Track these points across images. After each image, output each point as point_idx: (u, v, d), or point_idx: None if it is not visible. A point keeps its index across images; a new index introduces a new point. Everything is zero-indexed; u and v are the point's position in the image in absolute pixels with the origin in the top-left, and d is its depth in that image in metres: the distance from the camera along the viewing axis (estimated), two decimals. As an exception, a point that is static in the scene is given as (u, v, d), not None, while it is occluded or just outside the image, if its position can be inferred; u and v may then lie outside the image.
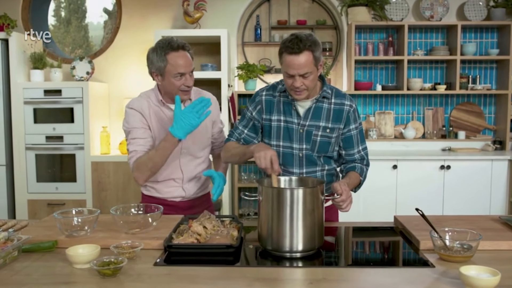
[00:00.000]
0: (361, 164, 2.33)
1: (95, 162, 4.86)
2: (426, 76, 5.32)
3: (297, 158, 2.28)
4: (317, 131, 2.25)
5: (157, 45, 2.27)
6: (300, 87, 2.11)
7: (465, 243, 1.77)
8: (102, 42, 6.86)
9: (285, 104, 2.27)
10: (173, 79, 2.24)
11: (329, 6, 5.43)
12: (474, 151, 5.02)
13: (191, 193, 2.46)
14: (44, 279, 1.58)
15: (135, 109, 2.35)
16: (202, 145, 2.46)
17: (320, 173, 2.32)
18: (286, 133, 2.27)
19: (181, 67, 2.22)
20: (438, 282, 1.55)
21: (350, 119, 2.29)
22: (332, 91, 2.29)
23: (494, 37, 5.25)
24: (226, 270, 1.67)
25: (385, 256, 2.00)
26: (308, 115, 2.25)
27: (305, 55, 2.05)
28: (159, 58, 2.24)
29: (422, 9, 5.15)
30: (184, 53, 2.26)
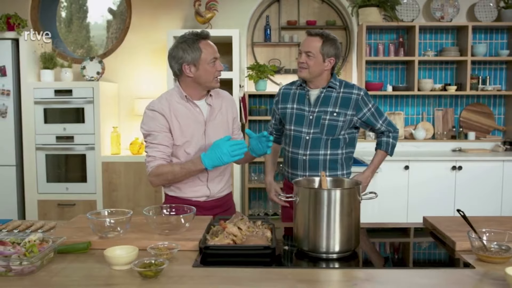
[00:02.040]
0: (387, 137, 2.72)
1: (106, 162, 4.84)
2: (436, 76, 5.32)
3: (303, 141, 2.61)
4: (325, 116, 2.58)
5: (184, 39, 2.28)
6: (302, 63, 2.54)
7: (503, 244, 1.77)
8: (106, 42, 6.84)
9: (300, 95, 2.67)
10: (208, 65, 2.28)
11: (339, 6, 5.43)
12: (485, 152, 5.03)
13: (215, 192, 2.44)
14: (84, 280, 1.57)
15: (156, 110, 2.32)
16: None
17: (322, 157, 2.61)
18: (298, 118, 2.63)
19: (215, 52, 2.31)
20: (482, 284, 1.55)
21: (361, 105, 2.61)
22: (342, 83, 2.66)
23: (504, 38, 5.25)
24: (266, 272, 1.66)
25: (421, 257, 1.99)
26: (317, 102, 2.61)
27: (315, 39, 2.54)
28: (191, 49, 2.25)
29: (433, 10, 5.15)
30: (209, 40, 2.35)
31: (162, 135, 2.32)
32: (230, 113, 2.49)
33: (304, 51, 2.54)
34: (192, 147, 2.36)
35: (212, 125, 2.39)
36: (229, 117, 2.49)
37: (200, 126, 2.36)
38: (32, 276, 1.60)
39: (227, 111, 2.47)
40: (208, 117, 2.38)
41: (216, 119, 2.41)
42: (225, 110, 2.46)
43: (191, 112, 2.36)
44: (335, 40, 2.57)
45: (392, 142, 2.73)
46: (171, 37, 4.75)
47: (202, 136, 2.36)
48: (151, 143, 2.33)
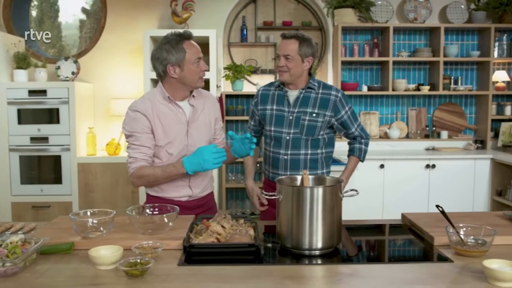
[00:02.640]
0: (359, 143, 2.76)
1: (82, 163, 4.79)
2: (410, 77, 5.44)
3: (284, 141, 2.64)
4: (304, 116, 2.61)
5: (167, 40, 2.27)
6: (282, 67, 2.56)
7: (480, 238, 1.83)
8: (80, 42, 6.75)
9: (279, 96, 2.69)
10: (193, 66, 2.28)
11: (314, 7, 5.49)
12: (457, 151, 5.15)
13: (197, 192, 2.45)
14: (70, 281, 1.56)
15: (139, 111, 2.31)
16: (207, 141, 2.46)
17: (303, 157, 2.64)
18: (278, 119, 2.65)
19: (198, 51, 2.32)
20: (461, 276, 1.60)
21: (339, 106, 2.65)
22: (320, 84, 2.69)
23: (475, 39, 5.40)
24: (252, 269, 1.68)
25: (402, 252, 2.04)
26: (297, 103, 2.64)
27: (292, 42, 2.56)
28: (175, 50, 2.25)
29: (406, 12, 5.25)
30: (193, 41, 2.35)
31: (144, 136, 2.31)
32: (212, 113, 2.50)
33: (282, 54, 2.56)
34: (175, 148, 2.36)
35: (194, 125, 2.39)
36: (212, 118, 2.50)
37: (183, 127, 2.37)
38: (16, 278, 1.58)
39: (209, 112, 2.48)
40: (190, 118, 2.39)
41: (199, 120, 2.41)
42: (207, 110, 2.47)
43: (174, 113, 2.36)
44: (310, 40, 2.61)
45: (365, 149, 2.77)
46: (148, 38, 4.72)
47: (184, 137, 2.37)
48: (133, 144, 2.32)
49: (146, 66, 4.75)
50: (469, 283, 1.54)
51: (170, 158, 2.36)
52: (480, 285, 1.52)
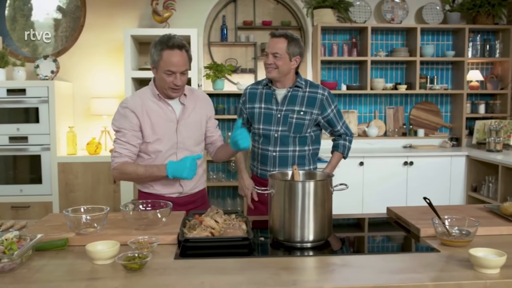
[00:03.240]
0: (344, 140, 2.84)
1: (62, 163, 4.74)
2: (388, 76, 5.55)
3: (273, 138, 2.69)
4: (292, 114, 2.66)
5: (158, 40, 2.32)
6: (270, 65, 2.61)
7: (464, 229, 1.91)
8: (55, 41, 6.67)
9: (267, 94, 2.74)
10: (164, 74, 2.29)
11: (293, 7, 5.55)
12: (433, 148, 5.28)
13: (188, 189, 2.49)
14: (68, 276, 1.58)
15: (128, 108, 2.36)
16: (197, 140, 2.50)
17: (291, 153, 2.70)
18: (266, 118, 2.69)
19: (172, 65, 2.27)
20: (448, 265, 1.67)
21: (325, 105, 2.71)
22: (307, 82, 2.75)
23: (450, 40, 5.54)
24: (247, 261, 1.72)
25: (390, 244, 2.10)
26: (285, 101, 2.69)
27: (280, 40, 2.61)
28: (155, 52, 2.30)
29: (384, 12, 5.36)
30: (179, 52, 2.29)
31: (131, 133, 2.36)
32: (204, 112, 2.53)
33: (271, 52, 2.61)
34: (164, 145, 2.39)
35: (184, 123, 2.43)
36: (203, 117, 2.53)
37: (172, 125, 2.40)
38: (13, 274, 1.59)
39: (201, 110, 2.51)
40: (180, 116, 2.42)
41: (190, 118, 2.45)
42: (199, 109, 2.50)
43: (163, 110, 2.39)
44: (299, 40, 2.66)
45: (348, 146, 2.85)
46: (128, 36, 4.71)
47: (174, 134, 2.40)
48: (119, 140, 2.37)
49: (127, 65, 4.74)
50: (457, 271, 1.61)
51: (159, 155, 2.40)
52: (467, 273, 1.59)
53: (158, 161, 2.40)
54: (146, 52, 5.22)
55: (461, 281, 1.54)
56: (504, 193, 4.48)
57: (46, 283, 1.52)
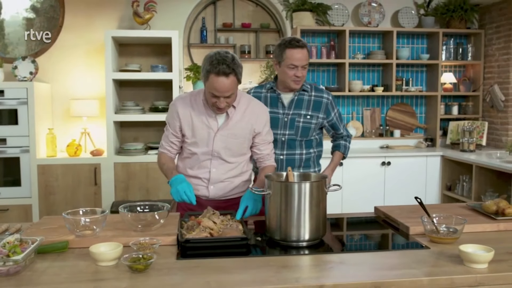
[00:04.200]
0: (344, 140, 2.91)
1: (42, 165, 4.70)
2: (365, 78, 5.68)
3: (280, 142, 2.70)
4: (299, 118, 2.69)
5: (209, 58, 2.25)
6: (299, 77, 2.60)
7: (451, 226, 2.01)
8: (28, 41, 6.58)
9: (272, 98, 2.73)
10: (208, 94, 2.31)
11: (272, 10, 5.62)
12: (409, 148, 5.43)
13: (215, 196, 2.48)
14: (74, 277, 1.60)
15: (175, 107, 2.47)
16: (235, 152, 2.47)
17: (298, 157, 2.73)
18: (273, 122, 2.65)
19: (215, 90, 2.24)
20: (439, 260, 1.76)
21: (330, 109, 2.77)
22: (312, 86, 2.77)
23: (424, 43, 5.71)
24: (248, 260, 1.77)
25: (381, 241, 2.18)
26: (291, 105, 2.70)
27: (305, 51, 2.59)
28: (204, 68, 2.26)
29: (361, 16, 5.49)
30: (225, 79, 2.21)
31: (171, 131, 2.50)
32: (249, 127, 2.45)
33: (301, 65, 2.56)
34: (198, 149, 2.44)
35: (223, 134, 2.41)
36: (247, 131, 2.46)
37: (211, 132, 2.40)
38: (18, 276, 1.60)
39: (246, 125, 2.44)
40: (221, 126, 2.41)
41: (230, 130, 2.41)
42: (245, 123, 2.43)
43: (206, 117, 2.41)
44: None
45: (348, 146, 2.93)
46: (109, 38, 4.70)
47: (210, 142, 2.41)
48: (165, 132, 2.55)
49: (108, 66, 4.72)
50: (448, 266, 1.70)
51: (194, 156, 2.47)
52: (457, 268, 1.68)
53: (194, 162, 2.48)
54: (126, 54, 5.22)
55: (453, 276, 1.62)
56: (477, 192, 4.65)
57: (54, 285, 1.54)
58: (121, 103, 5.05)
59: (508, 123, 5.29)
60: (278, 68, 2.64)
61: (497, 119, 5.44)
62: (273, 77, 2.84)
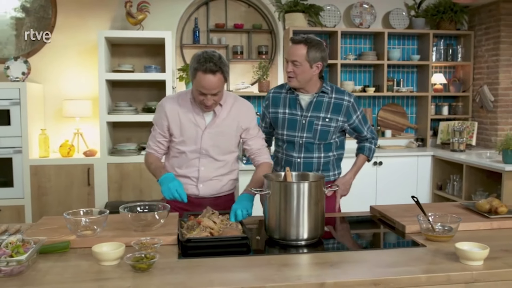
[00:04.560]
0: (369, 143, 2.82)
1: (34, 166, 4.68)
2: (356, 79, 5.73)
3: (297, 144, 2.64)
4: (317, 121, 2.60)
5: (196, 57, 2.29)
6: (290, 72, 2.54)
7: (446, 225, 2.05)
8: (19, 41, 6.55)
9: (291, 99, 2.65)
10: (196, 92, 2.35)
11: (265, 11, 5.65)
12: (400, 148, 5.49)
13: (205, 194, 2.51)
14: (78, 277, 1.62)
15: (163, 107, 2.50)
16: (224, 150, 2.50)
17: (316, 160, 2.66)
18: (290, 123, 2.63)
19: (203, 88, 2.28)
20: (436, 258, 1.80)
21: (351, 112, 2.66)
22: (332, 88, 2.67)
23: (415, 44, 5.78)
24: (249, 259, 1.80)
25: (379, 240, 2.22)
26: (310, 107, 2.61)
27: (300, 47, 2.50)
28: (192, 67, 2.31)
29: (353, 17, 5.54)
30: (212, 76, 2.25)
31: (159, 131, 2.52)
32: (236, 124, 2.49)
33: (290, 60, 2.51)
34: (187, 147, 2.46)
35: (211, 132, 2.44)
36: (235, 128, 2.50)
37: (199, 130, 2.44)
38: (22, 276, 1.62)
39: (233, 122, 2.48)
40: (209, 124, 2.44)
41: (217, 128, 2.45)
42: (231, 120, 2.48)
43: (193, 116, 2.44)
44: (320, 44, 2.53)
45: (374, 148, 2.83)
46: (102, 38, 4.70)
47: (198, 140, 2.44)
48: (152, 132, 2.58)
49: (101, 66, 4.72)
50: (444, 263, 1.75)
51: (183, 155, 2.49)
52: (454, 265, 1.73)
53: (182, 161, 2.50)
54: (118, 54, 5.22)
55: (450, 273, 1.67)
56: (468, 191, 4.72)
57: (59, 285, 1.55)
58: (114, 103, 5.05)
59: (497, 123, 5.37)
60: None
61: (487, 119, 5.52)
62: None
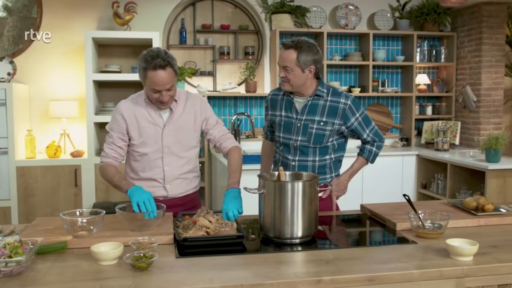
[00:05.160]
0: (371, 146, 2.74)
1: (21, 167, 4.65)
2: (342, 79, 5.80)
3: (292, 147, 2.62)
4: (312, 124, 2.56)
5: (143, 57, 2.32)
6: (283, 77, 2.51)
7: (436, 222, 2.11)
8: (1, 40, 6.48)
9: (287, 102, 2.64)
10: (150, 91, 2.37)
11: (251, 12, 5.69)
12: (385, 148, 5.57)
13: (174, 194, 2.53)
14: (79, 276, 1.63)
15: (118, 111, 2.47)
16: (186, 145, 2.53)
17: (311, 163, 2.61)
18: (286, 126, 2.62)
19: (156, 85, 2.31)
20: (427, 254, 1.86)
21: (348, 114, 2.57)
22: (329, 90, 2.61)
23: (399, 45, 5.87)
24: (247, 257, 1.83)
25: (371, 238, 2.27)
26: (304, 110, 2.57)
27: (289, 52, 2.47)
28: (141, 68, 2.34)
29: (338, 18, 5.60)
30: (162, 72, 2.29)
31: (117, 135, 2.46)
32: (192, 116, 2.52)
33: (281, 65, 2.48)
34: (149, 148, 2.46)
35: (170, 128, 2.47)
36: (192, 121, 2.52)
37: (158, 129, 2.46)
38: (22, 277, 1.63)
39: (189, 116, 2.51)
40: (167, 121, 2.47)
41: (176, 124, 2.48)
42: (187, 114, 2.51)
43: (151, 115, 2.46)
44: (311, 47, 2.50)
45: (375, 151, 2.76)
46: (89, 39, 4.69)
47: (159, 139, 2.46)
48: (107, 140, 2.50)
49: (88, 67, 4.71)
50: (436, 259, 1.80)
51: (144, 157, 2.48)
52: (445, 261, 1.78)
53: (145, 163, 2.48)
54: (105, 55, 5.21)
55: (442, 268, 1.72)
56: (452, 189, 4.82)
57: (60, 284, 1.57)
58: (101, 104, 5.04)
59: (480, 123, 5.49)
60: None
61: (469, 119, 5.64)
62: None
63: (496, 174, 4.31)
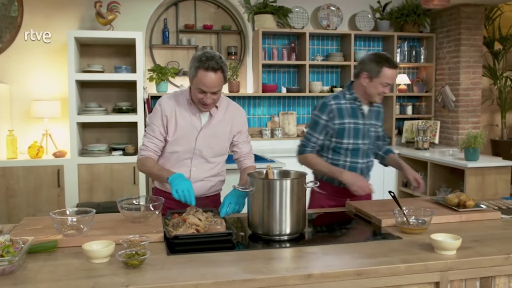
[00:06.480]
0: (388, 144, 3.08)
1: (2, 167, 4.60)
2: (324, 79, 5.87)
3: (362, 151, 2.80)
4: (372, 128, 2.83)
5: (198, 56, 2.35)
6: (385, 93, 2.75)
7: (420, 218, 2.17)
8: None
9: (352, 109, 2.77)
10: (196, 90, 2.39)
11: (234, 12, 5.72)
12: (367, 147, 5.65)
13: (197, 194, 2.48)
14: (73, 274, 1.64)
15: (161, 106, 2.51)
16: (216, 151, 2.56)
17: (371, 163, 2.91)
18: (355, 132, 2.76)
19: (203, 85, 2.34)
20: (412, 249, 1.91)
21: (382, 117, 2.95)
22: None
23: (380, 46, 5.96)
24: (237, 254, 1.87)
25: (357, 234, 2.32)
26: (369, 116, 2.82)
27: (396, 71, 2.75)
28: (192, 66, 2.36)
29: (320, 19, 5.67)
30: (213, 74, 2.32)
31: (159, 129, 2.51)
32: (229, 127, 2.56)
33: (392, 83, 2.72)
34: (180, 146, 2.50)
35: (206, 133, 2.49)
36: (228, 131, 2.57)
37: (194, 131, 2.48)
38: (14, 276, 1.63)
39: (227, 125, 2.55)
40: (204, 125, 2.49)
41: (212, 129, 2.51)
42: (225, 123, 2.54)
43: (190, 116, 2.48)
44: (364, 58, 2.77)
45: None
46: (72, 38, 4.66)
47: (193, 141, 2.48)
48: (148, 134, 2.53)
49: (71, 67, 4.68)
50: (420, 253, 1.86)
51: (174, 155, 2.52)
52: (429, 255, 1.84)
53: (174, 161, 2.52)
54: (87, 54, 5.18)
55: (426, 262, 1.78)
56: (432, 187, 4.92)
57: (52, 282, 1.57)
58: (83, 104, 5.01)
59: (458, 122, 5.61)
60: (367, 82, 2.68)
61: (449, 118, 5.75)
62: (347, 86, 2.85)
63: (475, 172, 4.42)
